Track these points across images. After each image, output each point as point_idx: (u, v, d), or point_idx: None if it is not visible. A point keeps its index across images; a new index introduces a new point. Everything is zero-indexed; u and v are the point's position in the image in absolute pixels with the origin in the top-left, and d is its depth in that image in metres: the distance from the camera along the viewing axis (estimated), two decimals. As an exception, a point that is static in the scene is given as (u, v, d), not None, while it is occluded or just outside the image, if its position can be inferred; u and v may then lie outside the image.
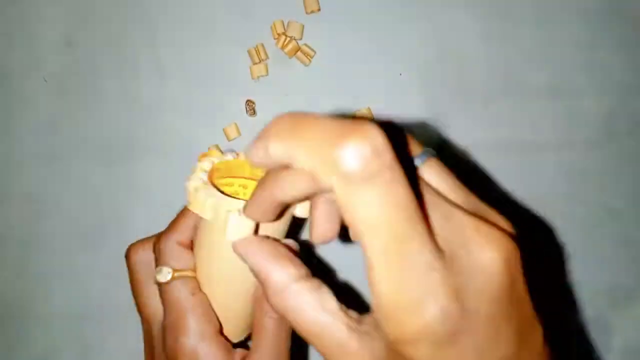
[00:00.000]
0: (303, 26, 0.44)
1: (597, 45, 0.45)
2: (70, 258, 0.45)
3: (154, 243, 0.33)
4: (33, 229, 0.45)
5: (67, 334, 0.45)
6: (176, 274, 0.31)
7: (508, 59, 0.45)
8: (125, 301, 0.44)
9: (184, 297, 0.31)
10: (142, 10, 0.45)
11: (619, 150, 0.45)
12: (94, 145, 0.45)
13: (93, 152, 0.45)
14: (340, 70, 0.44)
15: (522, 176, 0.45)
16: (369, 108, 0.44)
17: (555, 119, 0.45)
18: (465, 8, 0.45)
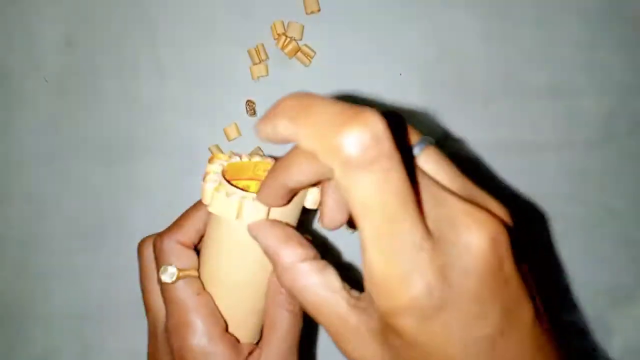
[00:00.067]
0: (303, 26, 0.44)
1: (597, 45, 0.45)
2: (70, 258, 0.45)
3: (153, 242, 0.33)
4: (33, 229, 0.45)
5: (67, 334, 0.45)
6: (180, 274, 0.31)
7: (508, 59, 0.45)
8: (125, 301, 0.45)
9: (189, 297, 0.31)
10: (142, 10, 0.45)
11: (619, 150, 0.45)
12: (94, 145, 0.45)
13: (93, 152, 0.45)
14: (340, 70, 0.44)
15: (522, 176, 0.45)
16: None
17: (555, 119, 0.45)
18: (465, 8, 0.45)
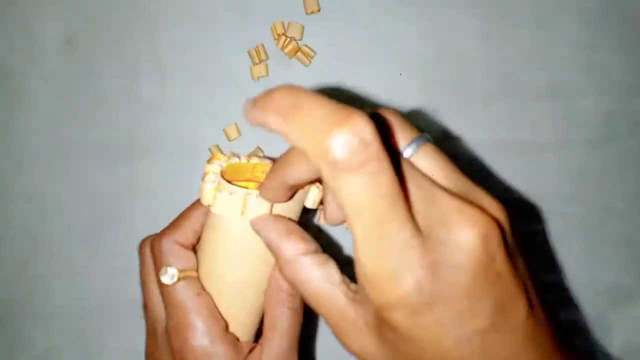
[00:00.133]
0: (303, 27, 0.44)
1: (597, 45, 0.45)
2: (70, 258, 0.45)
3: (151, 243, 0.33)
4: (33, 229, 0.45)
5: (67, 334, 0.45)
6: (180, 275, 0.31)
7: (508, 59, 0.45)
8: (125, 301, 0.45)
9: (189, 299, 0.31)
10: (142, 10, 0.45)
11: (619, 150, 0.45)
12: (94, 145, 0.45)
13: (93, 152, 0.45)
14: (340, 70, 0.44)
15: (522, 176, 0.45)
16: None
17: (555, 119, 0.45)
18: (465, 8, 0.45)
